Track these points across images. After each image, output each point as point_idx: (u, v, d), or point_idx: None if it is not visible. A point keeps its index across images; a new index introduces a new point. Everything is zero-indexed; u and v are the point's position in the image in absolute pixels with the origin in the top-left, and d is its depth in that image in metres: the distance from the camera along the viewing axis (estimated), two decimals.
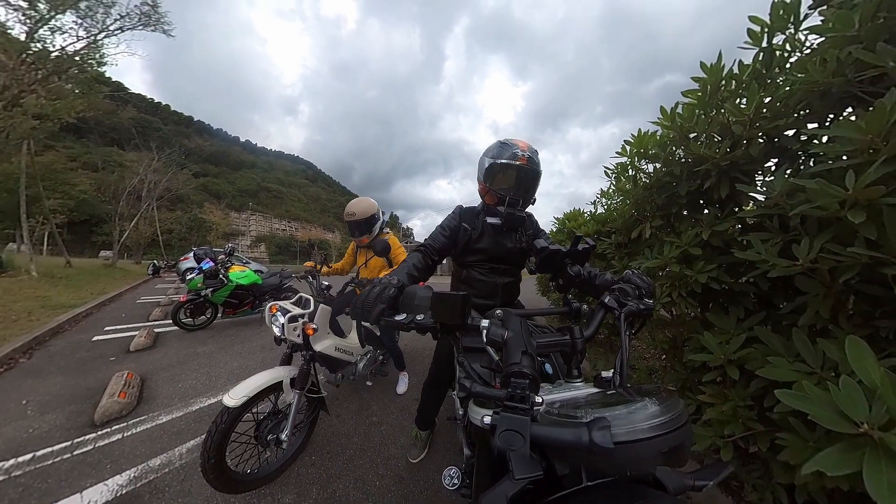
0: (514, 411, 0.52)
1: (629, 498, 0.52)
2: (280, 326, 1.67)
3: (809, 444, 0.92)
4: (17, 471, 1.61)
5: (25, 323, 3.93)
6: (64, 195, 24.95)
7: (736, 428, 1.23)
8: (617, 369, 0.76)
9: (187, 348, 3.61)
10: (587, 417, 0.52)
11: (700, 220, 1.57)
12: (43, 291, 5.92)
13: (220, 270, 4.50)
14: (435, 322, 0.75)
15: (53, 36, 8.99)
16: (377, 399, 2.52)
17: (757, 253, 1.11)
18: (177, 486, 1.54)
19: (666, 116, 1.69)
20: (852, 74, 1.00)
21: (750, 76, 1.42)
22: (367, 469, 1.74)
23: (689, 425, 0.56)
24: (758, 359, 1.15)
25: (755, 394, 1.20)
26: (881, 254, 0.81)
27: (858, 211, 0.82)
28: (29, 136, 8.43)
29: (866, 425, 0.65)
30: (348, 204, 2.35)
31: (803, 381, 0.82)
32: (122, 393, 2.30)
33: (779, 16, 1.29)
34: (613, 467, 0.55)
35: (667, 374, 1.96)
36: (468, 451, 1.10)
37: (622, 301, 0.91)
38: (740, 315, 1.38)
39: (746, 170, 1.41)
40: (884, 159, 0.80)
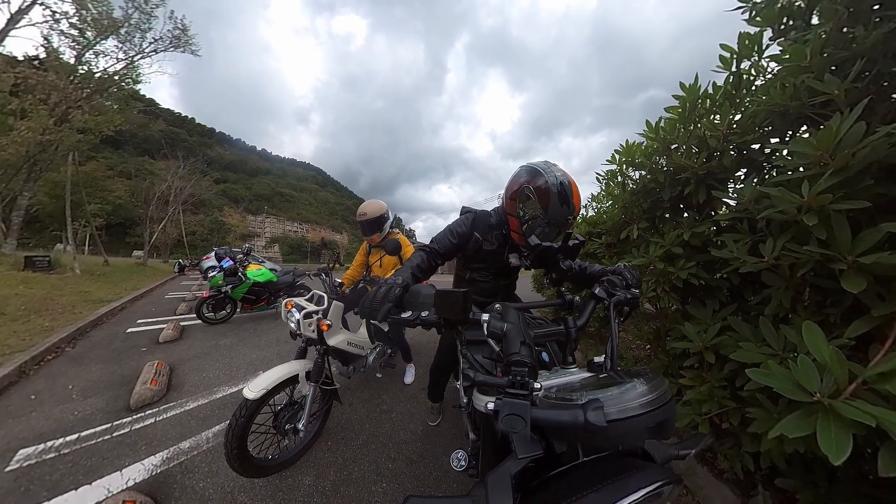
0: (515, 397, 0.54)
1: (621, 469, 0.54)
2: (296, 322, 1.70)
3: (773, 415, 1.01)
4: (66, 449, 1.70)
5: (70, 315, 4.11)
6: (102, 201, 26.33)
7: (712, 406, 1.33)
8: (608, 354, 0.78)
9: (210, 340, 3.72)
10: (582, 400, 0.54)
11: (681, 222, 1.66)
12: (85, 287, 6.14)
13: (238, 269, 4.61)
14: (439, 318, 0.76)
15: (97, 59, 9.80)
16: (386, 389, 2.56)
17: (730, 251, 1.21)
18: (205, 468, 1.60)
19: (651, 129, 1.79)
20: (806, 99, 1.12)
21: (722, 96, 1.55)
22: (380, 453, 1.77)
23: (674, 402, 0.59)
24: (730, 345, 1.24)
25: (728, 376, 1.30)
26: (830, 251, 0.90)
27: (812, 215, 0.92)
28: (74, 149, 8.99)
29: (818, 394, 0.75)
30: (360, 206, 2.40)
31: (769, 361, 0.92)
32: (153, 381, 2.39)
33: (745, 45, 1.44)
34: (607, 443, 0.58)
35: (651, 362, 2.02)
36: (473, 435, 1.11)
37: (611, 292, 0.95)
38: (716, 307, 1.48)
39: (720, 178, 1.53)
40: (831, 172, 0.90)
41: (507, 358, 0.60)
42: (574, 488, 0.53)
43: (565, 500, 0.52)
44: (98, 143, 10.35)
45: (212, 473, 1.56)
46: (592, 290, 0.98)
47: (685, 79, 1.69)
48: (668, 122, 1.70)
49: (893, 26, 0.97)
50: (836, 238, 0.89)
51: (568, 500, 0.51)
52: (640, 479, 0.50)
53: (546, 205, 0.99)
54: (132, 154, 60.77)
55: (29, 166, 9.00)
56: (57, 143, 8.23)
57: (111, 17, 9.47)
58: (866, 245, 0.85)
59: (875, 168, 0.93)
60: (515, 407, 0.51)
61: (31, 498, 1.37)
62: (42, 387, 2.36)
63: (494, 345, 0.79)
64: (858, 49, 1.02)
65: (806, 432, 0.72)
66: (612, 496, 0.48)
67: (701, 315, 1.47)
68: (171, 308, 5.41)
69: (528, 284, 5.55)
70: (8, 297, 4.47)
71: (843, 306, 1.01)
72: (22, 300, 4.41)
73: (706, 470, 1.50)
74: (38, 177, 9.79)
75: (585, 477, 0.57)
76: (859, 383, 0.74)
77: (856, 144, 0.86)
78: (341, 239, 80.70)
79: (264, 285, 4.82)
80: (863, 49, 1.01)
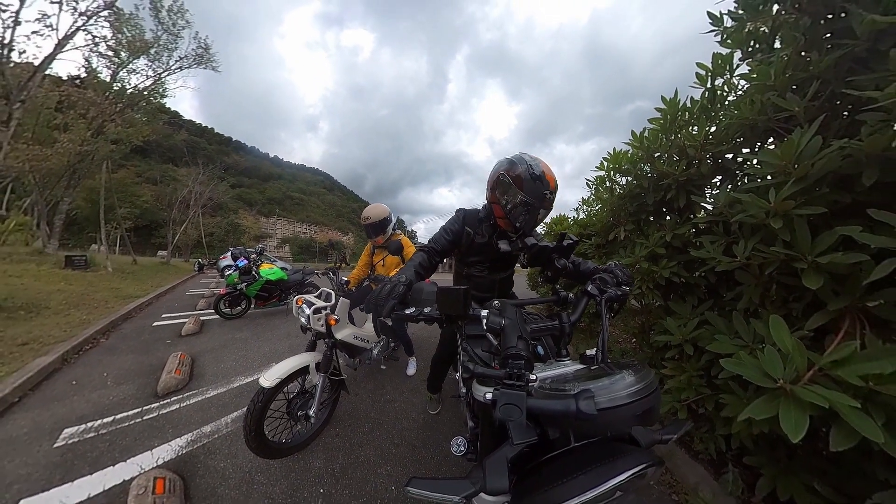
0: (512, 388, 0.55)
1: (609, 453, 0.57)
2: (306, 317, 1.77)
3: (743, 400, 1.08)
4: (103, 430, 1.82)
5: (104, 309, 4.31)
6: (131, 205, 27.37)
7: (689, 393, 1.42)
8: (599, 347, 0.79)
9: (227, 334, 3.85)
10: (574, 390, 0.55)
11: (664, 225, 1.72)
12: (116, 284, 6.40)
13: (252, 268, 4.74)
14: (440, 313, 0.77)
15: (129, 76, 10.39)
16: (390, 380, 2.64)
17: (707, 252, 1.27)
18: (225, 450, 1.69)
19: (636, 138, 1.86)
20: (772, 114, 1.20)
21: (699, 110, 1.64)
22: (385, 439, 1.84)
23: (659, 391, 0.61)
24: (707, 337, 1.31)
25: (705, 365, 1.38)
26: (793, 252, 0.96)
27: (777, 219, 0.98)
28: (108, 158, 9.47)
29: (781, 381, 0.80)
30: (364, 210, 2.45)
31: (740, 352, 0.99)
32: (177, 370, 2.50)
33: (718, 64, 1.54)
34: (596, 430, 0.60)
35: (637, 354, 2.11)
36: (472, 423, 1.14)
37: (602, 289, 0.97)
38: (694, 303, 1.56)
39: (699, 185, 1.61)
40: (793, 180, 0.97)
41: (505, 351, 0.61)
42: (566, 471, 0.56)
43: (558, 481, 0.54)
44: (128, 153, 10.91)
45: (231, 455, 1.65)
46: (585, 287, 1.00)
47: (668, 92, 1.76)
48: (651, 132, 1.78)
49: (842, 53, 1.05)
50: (798, 240, 0.95)
51: (560, 481, 0.54)
52: (627, 462, 0.53)
53: (521, 185, 1.08)
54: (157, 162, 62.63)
55: (69, 174, 9.48)
56: (93, 152, 8.67)
57: (143, 39, 9.97)
58: (823, 246, 0.91)
59: (830, 177, 1.00)
60: (512, 397, 0.52)
61: (77, 471, 1.48)
62: (81, 374, 2.50)
63: (493, 339, 0.80)
64: (815, 71, 1.10)
65: (770, 414, 0.78)
66: (601, 477, 0.51)
67: (681, 310, 1.53)
68: (191, 304, 5.58)
69: (523, 282, 5.60)
70: (52, 292, 4.71)
71: (804, 301, 1.07)
72: (63, 295, 4.63)
73: (683, 451, 1.59)
74: (77, 184, 10.27)
75: (576, 460, 0.59)
76: (816, 370, 0.80)
77: (814, 156, 0.92)
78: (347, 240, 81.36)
79: (276, 283, 4.95)
80: (818, 71, 1.09)
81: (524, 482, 0.61)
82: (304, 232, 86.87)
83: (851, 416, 0.69)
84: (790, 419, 0.73)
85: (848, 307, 0.91)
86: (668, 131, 1.71)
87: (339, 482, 1.50)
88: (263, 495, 1.39)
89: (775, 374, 0.81)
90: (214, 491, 1.41)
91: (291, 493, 1.41)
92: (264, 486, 1.44)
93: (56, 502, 1.32)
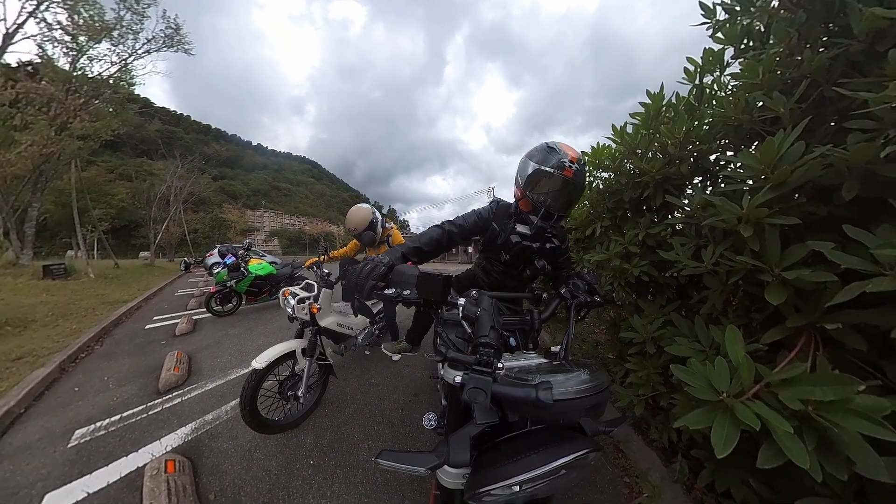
0: (481, 373, 0.58)
1: (559, 438, 0.62)
2: (291, 307, 1.93)
3: (692, 402, 1.00)
4: (112, 427, 1.94)
5: (92, 317, 4.26)
6: (106, 205, 25.75)
7: (647, 390, 1.46)
8: (563, 346, 0.85)
9: (220, 331, 3.92)
10: (535, 381, 0.58)
11: (639, 223, 1.65)
12: (101, 290, 6.26)
13: (241, 264, 4.69)
14: (420, 297, 0.78)
15: (91, 63, 9.39)
16: (374, 365, 2.84)
17: (676, 254, 1.21)
18: (227, 433, 1.87)
19: (616, 133, 1.78)
20: (756, 115, 1.11)
21: (685, 107, 1.54)
22: (368, 418, 2.04)
23: (608, 391, 0.66)
24: (670, 338, 1.26)
25: (664, 363, 1.37)
26: (760, 263, 0.89)
27: (748, 226, 0.90)
28: (76, 156, 8.80)
29: (725, 394, 0.77)
30: (346, 219, 2.45)
31: (691, 360, 0.93)
32: (176, 368, 2.61)
33: (708, 60, 1.43)
34: (550, 417, 0.65)
35: (607, 346, 2.15)
36: (445, 401, 1.18)
37: (574, 293, 1.02)
38: (662, 302, 1.54)
39: (678, 184, 1.53)
40: (769, 186, 0.87)
41: (477, 339, 0.64)
42: (520, 450, 0.61)
43: (513, 458, 0.59)
44: (97, 148, 10.06)
45: (233, 437, 1.83)
46: (559, 290, 1.05)
47: (669, 90, 1.63)
48: (634, 128, 1.70)
49: (837, 52, 0.95)
50: (767, 251, 0.88)
51: (515, 458, 0.59)
52: (573, 447, 0.58)
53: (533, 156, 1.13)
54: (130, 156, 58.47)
55: (35, 177, 8.82)
56: (59, 152, 8.04)
57: (103, 21, 9.02)
58: (792, 260, 0.84)
59: (809, 187, 0.92)
60: (479, 382, 0.55)
61: (93, 464, 1.62)
62: (82, 380, 2.57)
63: (467, 327, 0.82)
64: (805, 70, 1.00)
65: (704, 426, 0.75)
66: (550, 457, 0.56)
67: (649, 309, 1.53)
68: (182, 304, 5.57)
69: None
70: (35, 305, 4.63)
71: (765, 313, 1.01)
72: (48, 307, 4.56)
73: (640, 438, 1.69)
74: (45, 186, 9.55)
75: (530, 441, 0.64)
76: (763, 385, 0.76)
77: (795, 162, 0.84)
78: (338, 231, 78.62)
79: (266, 278, 4.95)
80: (809, 70, 0.99)
81: (483, 457, 0.65)
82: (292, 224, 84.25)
83: (783, 439, 0.66)
84: (721, 433, 0.71)
85: (806, 325, 0.84)
86: (649, 127, 1.62)
87: (327, 455, 1.71)
88: (262, 468, 1.60)
89: (721, 386, 0.78)
90: (219, 468, 1.61)
91: (286, 466, 1.62)
92: (262, 461, 1.65)
93: (79, 492, 1.44)
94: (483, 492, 0.57)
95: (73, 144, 8.16)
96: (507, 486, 0.56)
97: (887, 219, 0.74)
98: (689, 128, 1.42)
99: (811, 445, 0.67)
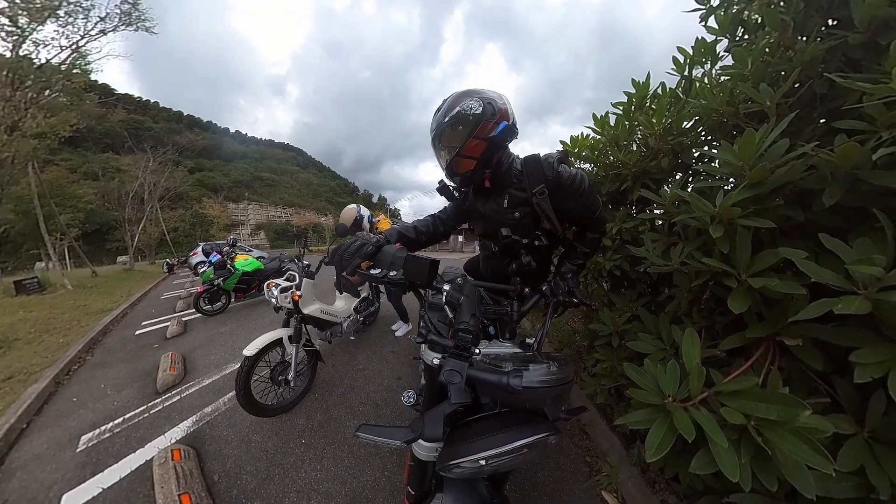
0: (458, 357, 0.59)
1: (524, 421, 0.66)
2: (275, 297, 2.04)
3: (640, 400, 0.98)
4: (117, 428, 2.03)
5: (78, 329, 4.16)
6: (73, 209, 23.71)
7: (609, 381, 1.51)
8: (537, 339, 0.88)
9: (212, 330, 3.95)
10: (508, 368, 0.61)
11: (616, 216, 1.60)
12: (82, 301, 6.02)
13: (226, 261, 4.64)
14: (405, 279, 0.78)
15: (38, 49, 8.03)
16: (361, 351, 3.01)
17: (646, 250, 1.16)
18: (225, 422, 2.01)
19: (597, 122, 1.70)
20: (742, 109, 1.01)
21: (670, 98, 1.45)
22: (355, 400, 2.21)
23: (572, 383, 0.70)
24: (635, 332, 1.23)
25: (628, 356, 1.37)
26: (728, 266, 0.82)
27: (718, 227, 0.84)
28: (32, 158, 7.82)
29: (670, 399, 0.75)
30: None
31: (647, 360, 0.91)
32: (171, 368, 2.68)
33: (699, 51, 1.33)
34: (518, 402, 0.69)
35: (583, 335, 2.18)
36: (423, 381, 1.28)
37: (554, 292, 1.04)
38: (633, 297, 1.53)
39: (657, 178, 1.45)
40: (745, 185, 0.80)
41: (457, 325, 0.65)
42: (489, 429, 0.65)
43: (482, 436, 0.63)
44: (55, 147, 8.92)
45: (231, 425, 1.99)
46: (541, 287, 1.06)
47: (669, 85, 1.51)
48: (617, 119, 1.62)
49: (833, 43, 0.86)
50: (736, 254, 0.81)
51: (483, 436, 0.63)
52: (536, 429, 0.62)
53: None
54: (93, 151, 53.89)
55: None
56: (12, 155, 7.11)
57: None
58: (762, 266, 0.78)
59: (788, 189, 0.85)
60: (456, 365, 0.57)
61: (104, 464, 1.71)
62: (79, 390, 2.59)
63: (449, 312, 0.83)
64: (797, 61, 0.91)
65: (643, 427, 0.76)
66: (515, 437, 0.60)
67: (620, 302, 1.53)
68: (169, 307, 5.50)
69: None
70: (14, 323, 4.48)
71: (729, 317, 0.97)
72: (29, 324, 4.43)
73: (604, 423, 1.77)
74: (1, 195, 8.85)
75: (498, 422, 0.67)
76: (711, 393, 0.74)
77: (777, 159, 0.76)
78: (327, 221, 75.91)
79: (253, 274, 4.88)
80: (801, 61, 0.89)
81: (455, 433, 0.69)
82: (278, 216, 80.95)
83: (718, 450, 0.65)
84: (656, 437, 0.71)
85: (767, 336, 0.80)
86: (630, 118, 1.54)
87: (317, 434, 1.88)
88: (260, 450, 1.78)
89: (668, 390, 0.77)
90: (221, 452, 1.78)
91: (281, 446, 1.80)
92: (260, 443, 1.83)
93: (94, 488, 1.54)
94: (453, 464, 0.61)
95: (27, 145, 7.25)
96: (475, 461, 0.59)
97: (867, 231, 0.68)
98: (672, 120, 1.34)
99: (746, 457, 0.65)
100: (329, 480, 1.57)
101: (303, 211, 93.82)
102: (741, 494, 0.72)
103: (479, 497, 0.74)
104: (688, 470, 0.70)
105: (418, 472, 0.77)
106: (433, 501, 0.73)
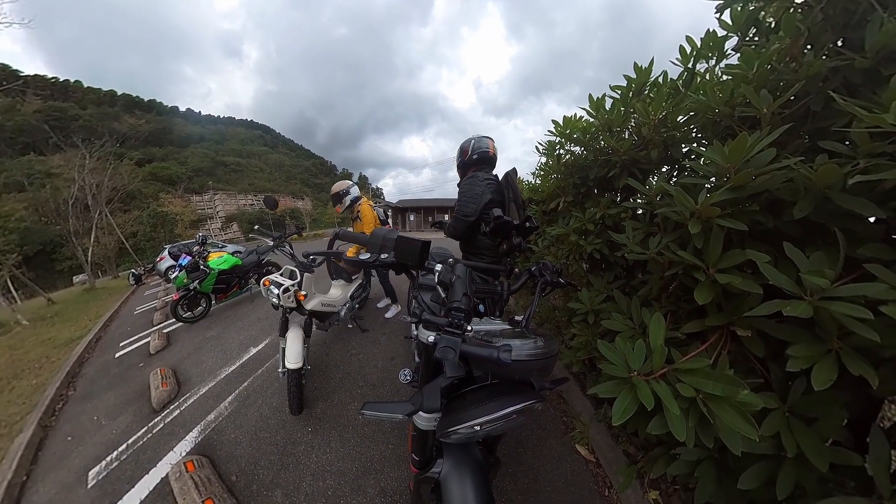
0: (451, 334, 0.63)
1: (513, 390, 0.71)
2: (276, 297, 1.94)
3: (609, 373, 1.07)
4: (123, 455, 1.95)
5: (49, 366, 3.70)
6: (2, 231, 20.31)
7: (583, 353, 1.61)
8: (526, 316, 0.93)
9: (197, 337, 3.74)
10: (498, 343, 0.64)
11: (600, 202, 1.66)
12: (45, 334, 5.36)
13: (199, 262, 4.15)
14: (397, 261, 0.81)
15: None
16: (355, 338, 3.04)
17: (626, 237, 1.22)
18: (231, 425, 2.02)
19: (593, 104, 1.64)
20: (739, 112, 1.01)
21: (669, 89, 1.42)
22: (352, 383, 2.30)
23: (557, 357, 0.75)
24: (609, 312, 1.32)
25: (601, 332, 1.48)
26: (699, 261, 0.89)
27: (697, 223, 0.88)
28: None
29: (636, 373, 0.84)
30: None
31: (618, 337, 1.00)
32: (163, 384, 2.56)
33: (707, 45, 1.28)
34: (508, 374, 0.74)
35: (562, 311, 2.29)
36: (417, 358, 1.31)
37: (542, 272, 1.09)
38: (610, 279, 1.61)
39: (645, 168, 1.45)
40: (728, 187, 0.83)
41: (450, 304, 0.70)
42: (481, 398, 0.70)
43: (475, 405, 0.68)
44: None
45: (238, 426, 2.00)
46: (530, 267, 1.11)
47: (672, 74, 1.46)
48: (613, 103, 1.57)
49: (839, 64, 0.85)
50: (708, 250, 0.87)
51: (477, 405, 0.68)
52: (523, 398, 0.68)
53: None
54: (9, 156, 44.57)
55: None
56: None
57: None
58: (728, 263, 0.84)
59: (765, 197, 0.89)
60: (450, 341, 0.60)
61: (121, 491, 1.66)
62: (71, 428, 2.40)
63: (442, 291, 0.86)
64: (801, 74, 0.90)
65: (611, 396, 0.84)
66: (505, 405, 0.66)
67: (598, 283, 1.62)
68: (146, 321, 5.14)
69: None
70: None
71: (693, 305, 1.02)
72: None
73: (578, 390, 1.98)
74: None
75: (490, 392, 0.73)
76: (670, 369, 0.83)
77: (762, 167, 0.79)
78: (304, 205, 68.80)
79: (231, 271, 4.47)
80: (804, 75, 0.89)
81: (451, 404, 0.74)
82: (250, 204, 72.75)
83: (671, 417, 0.75)
84: (622, 405, 0.79)
85: (723, 325, 0.90)
86: (627, 104, 1.51)
87: (322, 421, 1.95)
88: (270, 444, 1.84)
89: (635, 365, 0.85)
90: (233, 454, 1.82)
91: (289, 437, 1.87)
92: (269, 438, 1.89)
93: None
94: (451, 431, 0.68)
95: None
96: (471, 427, 0.66)
97: (824, 247, 0.75)
98: (668, 112, 1.33)
99: (693, 422, 0.77)
100: (340, 460, 1.68)
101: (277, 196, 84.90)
102: (685, 448, 0.85)
103: (474, 459, 0.81)
104: (646, 429, 0.81)
105: (420, 441, 0.83)
106: (435, 465, 0.80)
